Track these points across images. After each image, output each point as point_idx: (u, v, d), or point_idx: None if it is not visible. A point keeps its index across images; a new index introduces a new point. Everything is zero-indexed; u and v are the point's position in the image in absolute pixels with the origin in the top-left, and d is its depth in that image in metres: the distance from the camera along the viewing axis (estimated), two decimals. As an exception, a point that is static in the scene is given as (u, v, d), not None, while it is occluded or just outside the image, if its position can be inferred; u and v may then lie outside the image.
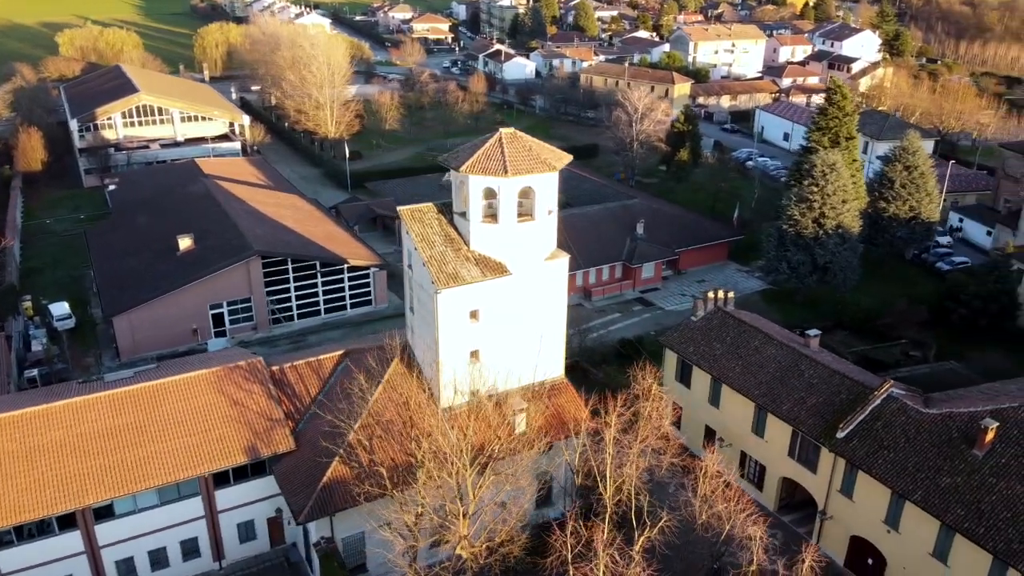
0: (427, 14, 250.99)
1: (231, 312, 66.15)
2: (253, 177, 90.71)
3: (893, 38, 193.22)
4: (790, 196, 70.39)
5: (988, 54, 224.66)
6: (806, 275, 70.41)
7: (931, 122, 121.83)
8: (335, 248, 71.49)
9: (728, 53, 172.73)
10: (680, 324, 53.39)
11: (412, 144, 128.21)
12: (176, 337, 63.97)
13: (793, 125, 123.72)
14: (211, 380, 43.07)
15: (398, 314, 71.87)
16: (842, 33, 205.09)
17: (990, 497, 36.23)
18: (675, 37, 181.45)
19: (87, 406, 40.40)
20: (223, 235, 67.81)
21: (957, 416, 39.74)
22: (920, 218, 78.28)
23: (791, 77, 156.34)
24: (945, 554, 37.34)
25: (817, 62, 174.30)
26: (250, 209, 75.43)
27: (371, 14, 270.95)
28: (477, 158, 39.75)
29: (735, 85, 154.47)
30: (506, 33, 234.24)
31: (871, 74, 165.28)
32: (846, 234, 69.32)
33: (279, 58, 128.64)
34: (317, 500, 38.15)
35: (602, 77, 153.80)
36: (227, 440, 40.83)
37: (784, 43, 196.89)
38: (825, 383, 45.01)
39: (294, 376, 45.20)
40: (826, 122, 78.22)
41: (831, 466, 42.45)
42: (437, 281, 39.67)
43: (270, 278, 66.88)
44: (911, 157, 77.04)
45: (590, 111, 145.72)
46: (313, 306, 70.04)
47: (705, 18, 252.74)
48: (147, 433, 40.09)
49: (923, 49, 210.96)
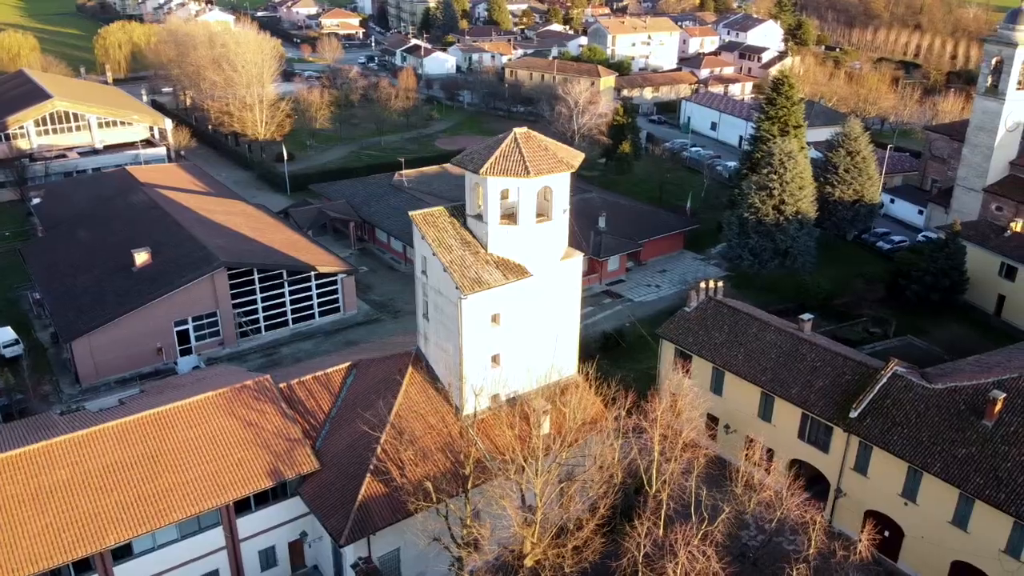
0: (335, 9, 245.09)
1: (196, 328, 62.87)
2: (191, 184, 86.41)
3: (795, 27, 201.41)
4: (750, 184, 72.45)
5: (879, 40, 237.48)
6: (768, 260, 72.73)
7: (847, 108, 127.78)
8: (299, 255, 69.00)
9: (645, 45, 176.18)
10: (675, 315, 54.12)
11: (344, 143, 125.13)
12: (140, 358, 60.33)
13: (720, 115, 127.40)
14: (220, 403, 40.81)
15: (368, 321, 70.43)
16: (746, 24, 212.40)
17: (1005, 464, 38.36)
18: (593, 30, 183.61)
19: (91, 440, 37.56)
20: (181, 247, 64.33)
21: (962, 390, 41.87)
22: (864, 201, 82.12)
23: (708, 68, 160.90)
24: (965, 521, 39.32)
25: (729, 52, 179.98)
26: (202, 218, 71.87)
27: (272, 10, 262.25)
28: (496, 159, 39.03)
29: (657, 77, 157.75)
30: (417, 28, 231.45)
31: (780, 63, 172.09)
32: (804, 219, 71.96)
33: (198, 57, 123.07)
34: (356, 520, 36.77)
35: (527, 71, 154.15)
36: (247, 464, 38.81)
37: (693, 34, 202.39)
38: (829, 365, 46.58)
39: (304, 393, 43.38)
40: (775, 112, 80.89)
41: (844, 445, 44.00)
42: (462, 287, 38.84)
43: (236, 290, 63.92)
44: (853, 143, 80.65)
45: (519, 105, 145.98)
46: (280, 317, 67.38)
47: (611, 11, 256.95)
48: (161, 464, 37.65)
49: (821, 37, 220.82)
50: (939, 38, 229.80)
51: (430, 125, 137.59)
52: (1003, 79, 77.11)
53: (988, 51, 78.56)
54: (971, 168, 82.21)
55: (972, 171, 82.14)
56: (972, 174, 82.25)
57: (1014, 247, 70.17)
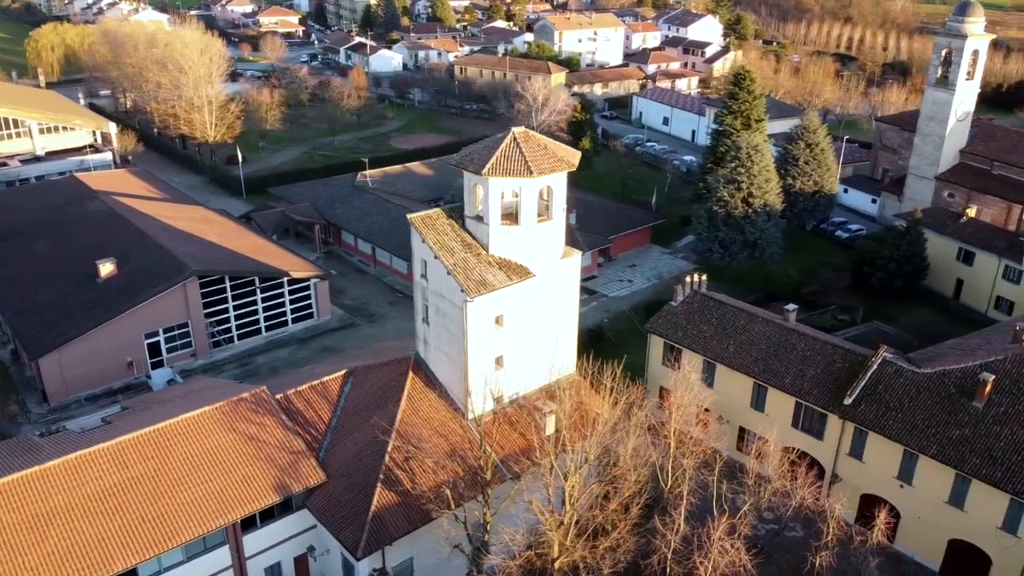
0: (273, 7, 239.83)
1: (168, 340, 60.77)
2: (145, 190, 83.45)
3: (735, 22, 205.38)
4: (718, 178, 73.53)
5: (812, 34, 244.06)
6: (738, 252, 73.97)
7: (792, 100, 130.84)
8: (268, 260, 67.30)
9: (591, 41, 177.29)
10: (662, 310, 54.58)
11: (296, 144, 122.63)
12: (110, 373, 58.02)
13: (672, 110, 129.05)
14: (218, 417, 39.46)
15: (343, 326, 69.14)
16: (686, 19, 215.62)
17: (999, 444, 39.80)
18: (539, 27, 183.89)
19: (87, 462, 35.88)
20: (148, 256, 62.08)
21: (951, 373, 43.28)
22: (823, 191, 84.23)
23: (655, 63, 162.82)
24: (961, 500, 40.66)
25: (673, 48, 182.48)
26: (165, 225, 69.48)
27: (206, 8, 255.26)
28: (497, 160, 38.65)
29: (606, 73, 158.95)
30: (358, 25, 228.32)
31: (723, 58, 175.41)
32: (772, 211, 73.41)
33: (139, 58, 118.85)
34: (371, 531, 36.01)
35: (477, 68, 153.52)
36: (253, 480, 37.63)
37: (636, 30, 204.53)
38: (819, 354, 47.60)
39: (302, 403, 42.28)
40: (737, 106, 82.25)
41: (839, 432, 45.04)
42: (468, 290, 38.40)
43: (208, 299, 61.99)
44: (812, 135, 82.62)
45: (471, 103, 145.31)
46: (253, 325, 65.62)
47: (552, 7, 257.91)
48: (163, 484, 36.21)
49: (758, 32, 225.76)
50: (870, 30, 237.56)
51: (383, 124, 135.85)
52: (953, 70, 79.95)
53: (938, 43, 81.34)
54: (923, 157, 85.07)
55: (924, 160, 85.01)
56: (924, 163, 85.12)
57: (971, 233, 72.97)
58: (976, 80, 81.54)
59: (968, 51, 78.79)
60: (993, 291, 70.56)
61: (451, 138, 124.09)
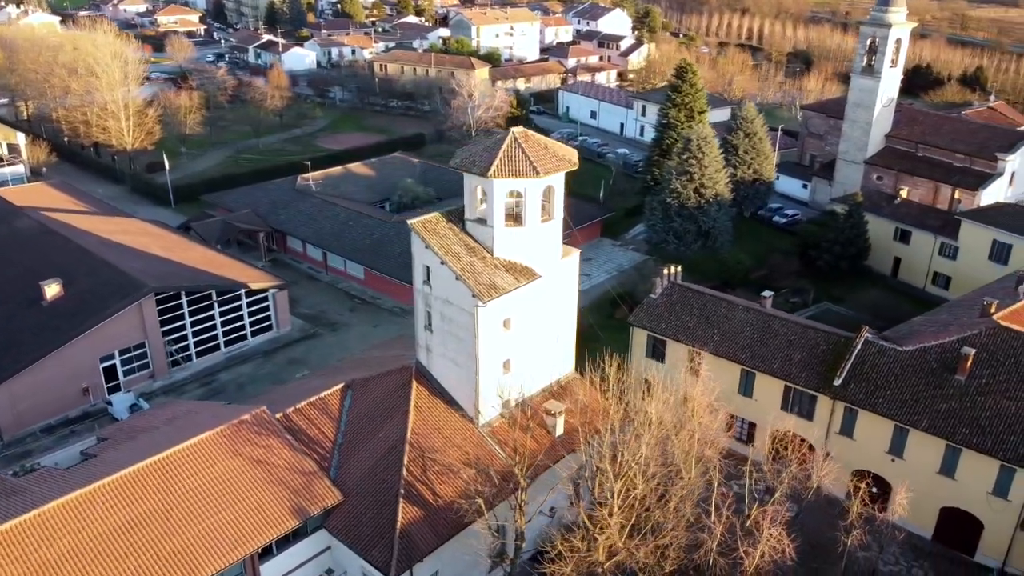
0: (170, 6, 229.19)
1: (124, 362, 57.31)
2: (69, 204, 78.37)
3: (643, 15, 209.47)
4: (670, 170, 74.82)
5: (713, 25, 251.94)
6: (692, 242, 75.54)
7: (713, 91, 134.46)
8: (222, 272, 64.43)
9: (508, 36, 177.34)
10: (643, 303, 55.10)
11: (217, 147, 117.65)
12: (66, 401, 54.32)
13: (600, 103, 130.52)
14: (221, 442, 37.42)
15: (306, 336, 66.88)
16: (595, 12, 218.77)
17: (985, 413, 42.05)
18: (456, 22, 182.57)
19: (89, 501, 33.36)
20: (96, 275, 58.30)
21: (931, 349, 45.42)
22: (762, 179, 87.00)
23: (575, 57, 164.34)
24: (952, 470, 42.79)
25: (587, 41, 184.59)
26: (105, 241, 65.43)
27: (96, 8, 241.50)
28: (501, 161, 38.08)
29: (527, 68, 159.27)
30: (262, 22, 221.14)
31: (637, 51, 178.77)
32: (722, 200, 75.29)
33: (42, 63, 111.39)
34: (401, 549, 34.93)
35: (398, 64, 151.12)
36: (267, 505, 35.90)
37: (548, 24, 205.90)
38: (802, 338, 49.11)
39: (303, 421, 40.59)
40: (681, 98, 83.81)
41: (829, 412, 46.61)
42: (480, 295, 37.73)
43: (164, 316, 58.78)
44: (750, 124, 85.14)
45: (395, 100, 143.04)
46: (211, 341, 62.63)
47: (460, 2, 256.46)
48: (175, 518, 34.07)
49: (665, 24, 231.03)
50: (767, 21, 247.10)
51: (306, 124, 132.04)
52: (878, 58, 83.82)
53: (863, 32, 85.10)
54: (852, 142, 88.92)
55: (853, 145, 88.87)
56: (853, 148, 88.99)
57: (905, 213, 76.89)
58: (899, 67, 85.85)
59: (892, 40, 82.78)
60: (930, 267, 74.56)
61: (381, 137, 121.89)
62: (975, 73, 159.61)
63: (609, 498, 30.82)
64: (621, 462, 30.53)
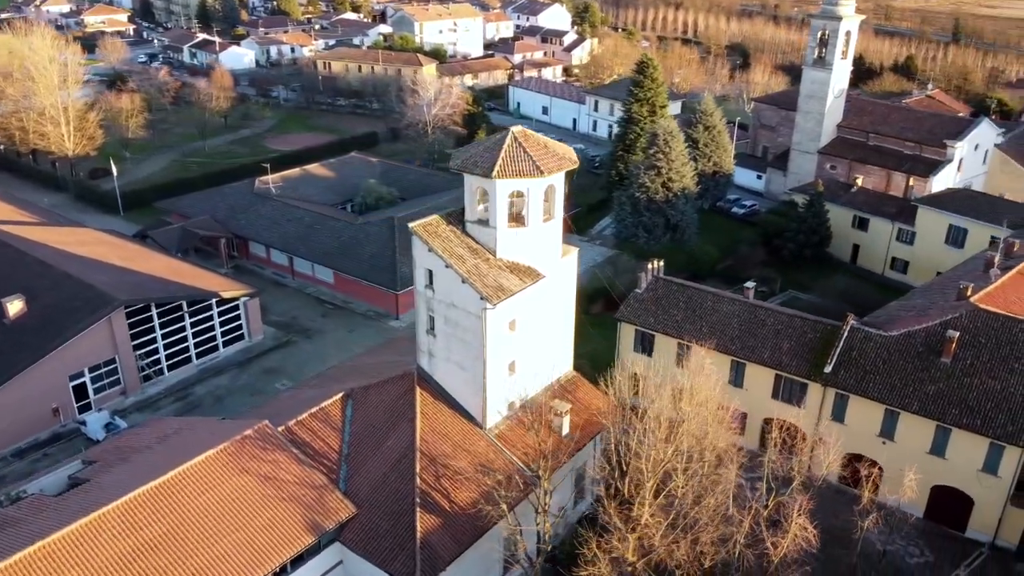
0: (97, 5, 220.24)
1: (94, 379, 54.86)
2: (16, 214, 74.61)
3: (583, 10, 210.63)
4: (638, 165, 75.39)
5: (649, 19, 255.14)
6: (661, 235, 76.32)
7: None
8: (190, 282, 62.28)
9: (452, 32, 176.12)
10: (629, 297, 55.32)
11: (162, 151, 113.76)
12: (35, 423, 51.76)
13: (551, 99, 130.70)
14: (225, 460, 36.10)
15: (279, 345, 65.17)
16: (534, 8, 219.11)
17: (972, 394, 43.58)
18: (398, 18, 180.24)
19: (96, 528, 31.77)
20: (60, 289, 55.63)
21: (916, 333, 46.83)
22: (722, 171, 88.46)
23: (521, 53, 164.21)
24: (942, 449, 44.22)
25: (530, 37, 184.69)
26: (62, 253, 62.50)
27: (17, 10, 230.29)
28: (504, 162, 37.66)
29: (474, 64, 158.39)
30: (193, 21, 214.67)
31: (580, 46, 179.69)
32: (688, 193, 76.25)
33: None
34: (424, 559, 34.29)
35: (342, 62, 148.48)
36: (281, 523, 34.80)
37: (489, 20, 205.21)
38: (788, 327, 50.07)
39: (307, 434, 39.48)
40: (643, 93, 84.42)
41: (820, 398, 47.66)
42: (488, 297, 37.28)
43: (134, 330, 56.48)
44: (709, 118, 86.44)
45: (341, 98, 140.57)
46: (183, 353, 60.48)
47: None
48: (187, 541, 32.72)
49: (603, 19, 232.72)
50: (701, 15, 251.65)
51: (252, 125, 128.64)
52: (829, 51, 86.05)
53: (815, 25, 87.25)
54: (805, 133, 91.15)
55: (806, 136, 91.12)
56: (806, 138, 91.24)
57: (863, 201, 79.24)
58: (849, 59, 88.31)
59: (842, 32, 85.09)
60: (888, 253, 77.06)
61: (332, 137, 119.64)
62: (906, 62, 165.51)
63: (646, 495, 30.81)
64: (656, 459, 30.55)
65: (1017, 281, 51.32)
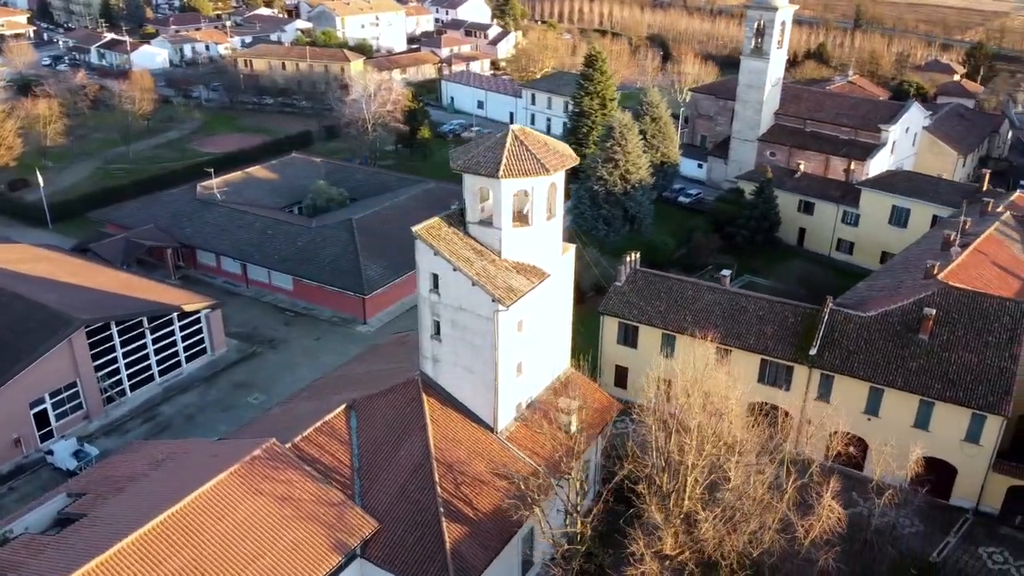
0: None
1: (56, 405, 51.57)
2: (-64, 232, 69.53)
3: (503, 3, 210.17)
4: (596, 158, 75.82)
5: (567, 11, 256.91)
6: (620, 227, 77.05)
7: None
8: (146, 296, 59.31)
9: (374, 27, 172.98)
10: (610, 291, 55.61)
11: (82, 159, 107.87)
12: (-4, 456, 48.32)
13: (487, 93, 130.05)
14: (237, 483, 34.46)
15: (245, 357, 62.92)
16: (453, 1, 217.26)
17: (952, 368, 45.67)
18: (318, 13, 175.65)
19: (111, 567, 29.79)
20: (10, 311, 52.12)
21: (892, 312, 48.73)
22: (669, 161, 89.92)
23: (448, 47, 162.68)
24: (926, 422, 46.20)
25: (454, 30, 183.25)
26: (6, 272, 58.45)
27: None
28: (508, 161, 37.14)
29: (402, 59, 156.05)
30: (101, 20, 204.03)
31: (505, 39, 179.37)
32: (645, 184, 77.21)
33: None
34: (456, 570, 33.61)
35: (264, 60, 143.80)
36: (305, 544, 33.47)
37: (410, 13, 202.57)
38: (770, 312, 51.34)
39: (315, 449, 38.08)
40: (593, 87, 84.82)
41: (806, 380, 49.06)
42: (500, 299, 36.76)
43: (95, 350, 53.35)
44: (655, 110, 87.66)
45: (267, 96, 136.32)
46: (145, 372, 57.53)
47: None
48: (208, 571, 31.07)
49: (522, 11, 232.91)
50: (615, 6, 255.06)
51: (176, 127, 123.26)
52: (765, 40, 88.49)
53: (751, 16, 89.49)
54: (745, 122, 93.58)
55: (746, 124, 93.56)
56: (746, 127, 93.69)
57: (807, 186, 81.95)
58: (784, 48, 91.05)
59: (778, 22, 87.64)
60: (834, 235, 80.00)
61: (263, 137, 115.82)
62: (819, 49, 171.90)
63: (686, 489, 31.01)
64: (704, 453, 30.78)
65: (977, 258, 54.06)
